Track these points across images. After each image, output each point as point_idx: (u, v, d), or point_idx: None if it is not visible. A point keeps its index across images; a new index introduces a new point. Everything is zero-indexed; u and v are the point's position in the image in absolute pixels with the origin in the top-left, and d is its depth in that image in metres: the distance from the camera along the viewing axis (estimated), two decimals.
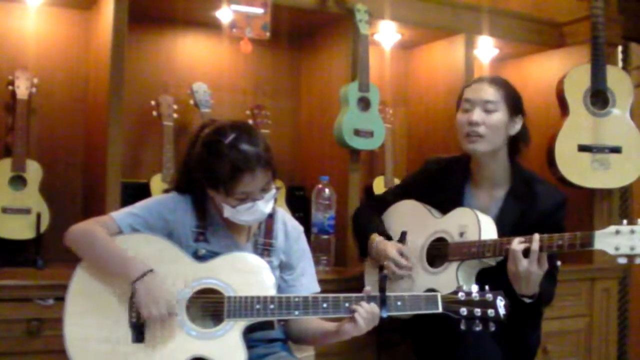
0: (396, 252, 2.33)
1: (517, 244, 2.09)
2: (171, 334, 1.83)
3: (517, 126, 2.34)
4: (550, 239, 2.06)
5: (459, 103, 2.38)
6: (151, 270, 1.83)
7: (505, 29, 3.36)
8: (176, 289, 1.86)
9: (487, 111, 2.29)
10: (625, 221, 1.97)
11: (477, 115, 2.28)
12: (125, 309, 1.85)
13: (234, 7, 2.68)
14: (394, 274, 2.32)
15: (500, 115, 2.29)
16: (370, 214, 2.56)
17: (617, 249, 1.94)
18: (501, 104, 2.30)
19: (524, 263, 2.07)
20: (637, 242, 1.92)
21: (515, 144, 2.37)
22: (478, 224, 2.21)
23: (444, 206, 2.37)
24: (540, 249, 2.06)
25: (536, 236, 2.07)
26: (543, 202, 2.29)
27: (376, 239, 2.42)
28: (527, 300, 2.14)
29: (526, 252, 2.07)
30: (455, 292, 1.90)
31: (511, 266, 2.10)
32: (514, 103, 2.33)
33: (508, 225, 2.26)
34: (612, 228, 1.96)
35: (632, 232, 1.93)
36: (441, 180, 2.44)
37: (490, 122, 2.28)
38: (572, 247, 2.03)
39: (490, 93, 2.30)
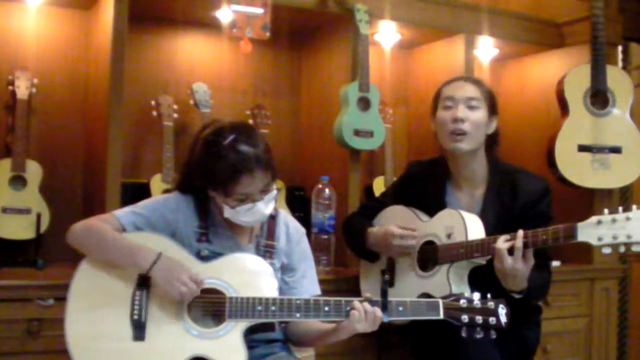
0: (396, 226, 2.34)
1: (502, 242, 2.08)
2: (172, 333, 1.83)
3: (493, 125, 2.36)
4: (534, 235, 2.05)
5: (436, 103, 2.38)
6: (159, 254, 1.84)
7: (505, 29, 3.36)
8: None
9: (471, 108, 2.30)
10: (606, 210, 1.95)
11: (462, 111, 2.29)
12: (127, 307, 1.84)
13: (234, 7, 2.67)
14: (401, 247, 2.32)
15: (482, 113, 2.31)
16: (360, 220, 2.57)
17: (600, 239, 1.92)
18: (482, 101, 2.32)
19: (509, 260, 2.06)
20: (619, 231, 1.89)
21: (491, 143, 2.38)
22: (464, 224, 2.21)
23: (429, 209, 2.37)
24: (525, 245, 2.05)
25: (520, 233, 2.06)
26: (525, 193, 2.30)
27: (373, 229, 2.43)
28: (516, 296, 2.14)
29: (511, 250, 2.07)
30: (457, 299, 1.90)
31: (497, 264, 2.09)
32: (492, 102, 2.36)
33: (492, 222, 2.26)
34: (594, 219, 1.94)
35: (614, 220, 1.90)
36: (423, 183, 2.45)
37: (473, 119, 2.29)
38: (556, 241, 2.01)
39: (472, 90, 2.33)
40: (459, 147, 2.29)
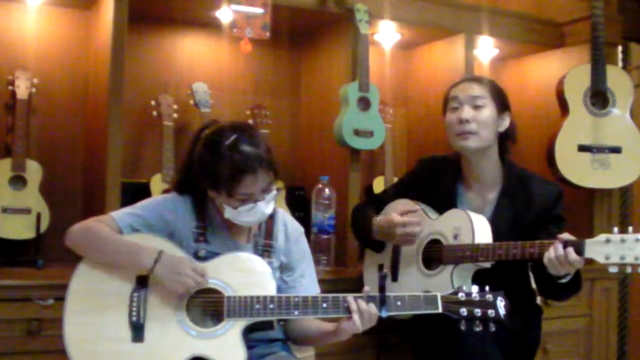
0: (399, 215, 2.31)
1: (547, 260, 2.01)
2: (171, 334, 1.83)
3: (505, 123, 2.34)
4: (541, 246, 2.04)
5: (445, 104, 2.38)
6: (161, 252, 1.84)
7: (505, 29, 3.37)
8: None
9: (476, 107, 2.29)
10: (616, 229, 1.95)
11: (467, 112, 2.28)
12: (125, 309, 1.84)
13: (234, 7, 2.68)
14: (406, 235, 2.30)
15: (489, 111, 2.30)
16: (368, 209, 2.54)
17: (607, 258, 1.92)
18: (488, 99, 2.31)
19: (563, 268, 2.01)
20: (627, 252, 1.89)
21: (505, 142, 2.36)
22: (471, 226, 2.20)
23: (438, 207, 2.36)
24: (531, 255, 2.04)
25: (559, 246, 2.00)
26: (539, 200, 2.29)
27: (377, 218, 2.40)
28: (565, 280, 2.10)
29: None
30: (455, 293, 1.90)
31: (553, 272, 2.04)
32: (501, 98, 2.34)
33: (504, 227, 2.25)
34: (603, 237, 1.94)
35: (623, 241, 1.90)
36: (434, 180, 2.43)
37: (480, 118, 2.28)
38: None
39: (476, 89, 2.32)
40: (465, 145, 2.28)
